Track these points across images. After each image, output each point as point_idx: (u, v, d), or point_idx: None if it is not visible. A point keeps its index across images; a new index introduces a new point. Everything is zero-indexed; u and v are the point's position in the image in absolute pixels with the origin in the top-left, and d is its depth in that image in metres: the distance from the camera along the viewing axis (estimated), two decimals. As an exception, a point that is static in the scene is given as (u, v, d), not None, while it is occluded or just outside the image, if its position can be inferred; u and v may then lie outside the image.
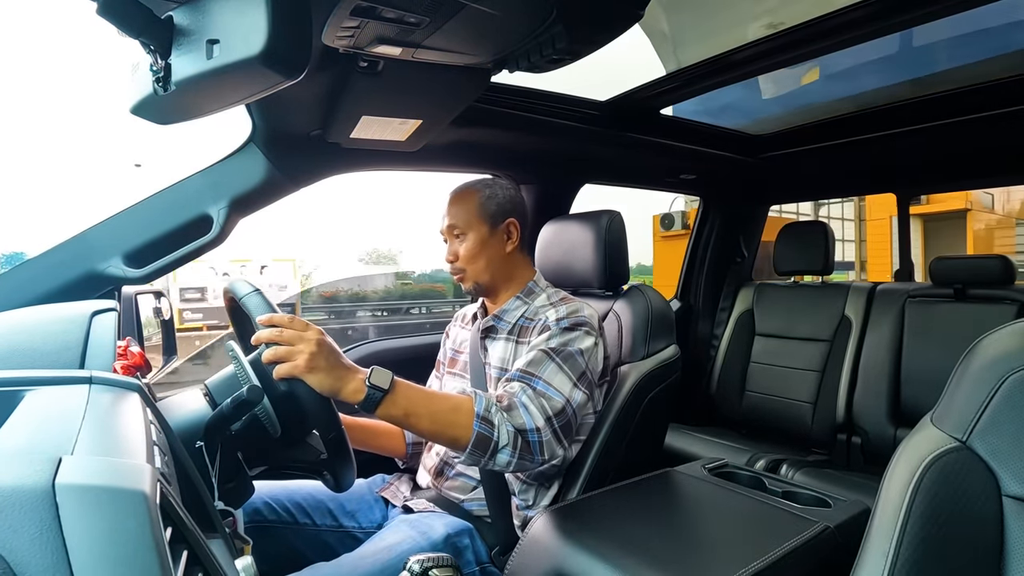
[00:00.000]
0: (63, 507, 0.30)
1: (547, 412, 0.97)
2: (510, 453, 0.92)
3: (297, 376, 0.80)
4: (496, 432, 0.91)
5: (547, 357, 1.03)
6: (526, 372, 1.02)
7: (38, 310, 0.90)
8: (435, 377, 1.36)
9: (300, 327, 0.82)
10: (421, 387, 0.93)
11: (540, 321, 1.11)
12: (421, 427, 0.90)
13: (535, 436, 0.94)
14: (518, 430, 0.93)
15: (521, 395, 0.97)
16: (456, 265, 1.17)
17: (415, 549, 0.95)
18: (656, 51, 1.46)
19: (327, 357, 0.82)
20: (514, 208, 1.19)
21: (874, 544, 0.59)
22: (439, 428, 0.90)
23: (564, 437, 0.99)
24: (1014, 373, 0.59)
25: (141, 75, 0.74)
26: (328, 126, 1.19)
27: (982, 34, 1.39)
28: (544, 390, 0.99)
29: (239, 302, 0.89)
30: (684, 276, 2.54)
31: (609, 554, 0.83)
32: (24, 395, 0.51)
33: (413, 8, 0.78)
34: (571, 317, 1.08)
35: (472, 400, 0.92)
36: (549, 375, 1.01)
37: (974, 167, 1.94)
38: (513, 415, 0.94)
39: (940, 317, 1.79)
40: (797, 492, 1.08)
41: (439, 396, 0.95)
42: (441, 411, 0.90)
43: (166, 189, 1.20)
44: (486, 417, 0.91)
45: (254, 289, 0.89)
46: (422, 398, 0.90)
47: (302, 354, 0.80)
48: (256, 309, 0.86)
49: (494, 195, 1.17)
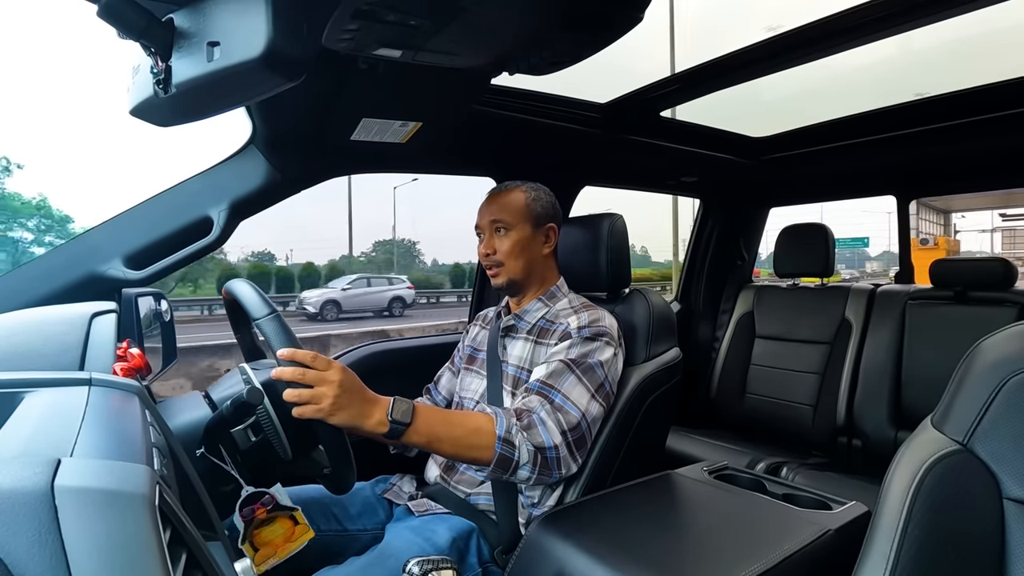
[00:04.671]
0: (62, 509, 0.30)
1: (563, 426, 1.00)
2: (530, 470, 0.96)
3: (320, 419, 0.81)
4: (517, 452, 0.95)
5: (567, 369, 1.05)
6: (545, 384, 1.04)
7: (38, 311, 0.90)
8: (448, 369, 1.38)
9: (323, 366, 0.82)
10: (441, 411, 0.96)
11: (561, 327, 1.12)
12: (444, 451, 0.95)
13: (553, 453, 0.97)
14: (537, 448, 0.96)
15: (539, 410, 0.99)
16: (494, 258, 1.19)
17: (420, 555, 0.95)
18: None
19: (350, 396, 0.83)
20: (555, 214, 1.24)
21: (875, 547, 0.59)
22: (462, 451, 0.93)
23: (577, 450, 1.02)
24: (1015, 376, 0.59)
25: (142, 77, 0.74)
26: (328, 128, 1.19)
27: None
28: (562, 403, 1.02)
29: (256, 325, 0.84)
30: (684, 278, 2.54)
31: (609, 557, 0.83)
32: (23, 397, 0.50)
33: (414, 11, 0.79)
34: (592, 327, 1.10)
35: (492, 420, 0.95)
36: (568, 388, 1.03)
37: (976, 169, 1.94)
38: (532, 433, 0.97)
39: (941, 319, 1.79)
40: (798, 495, 1.08)
41: (459, 419, 0.97)
42: (463, 435, 0.93)
43: (166, 191, 1.20)
44: (507, 438, 0.94)
45: (271, 312, 0.83)
46: (443, 424, 0.93)
47: (326, 398, 0.80)
48: (275, 338, 0.82)
49: (539, 198, 1.21)
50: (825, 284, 2.14)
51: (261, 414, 0.84)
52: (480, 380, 1.23)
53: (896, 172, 2.10)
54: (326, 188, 1.22)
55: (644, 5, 0.87)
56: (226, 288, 0.92)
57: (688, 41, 2.24)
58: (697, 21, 2.81)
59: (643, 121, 1.68)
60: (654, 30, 2.20)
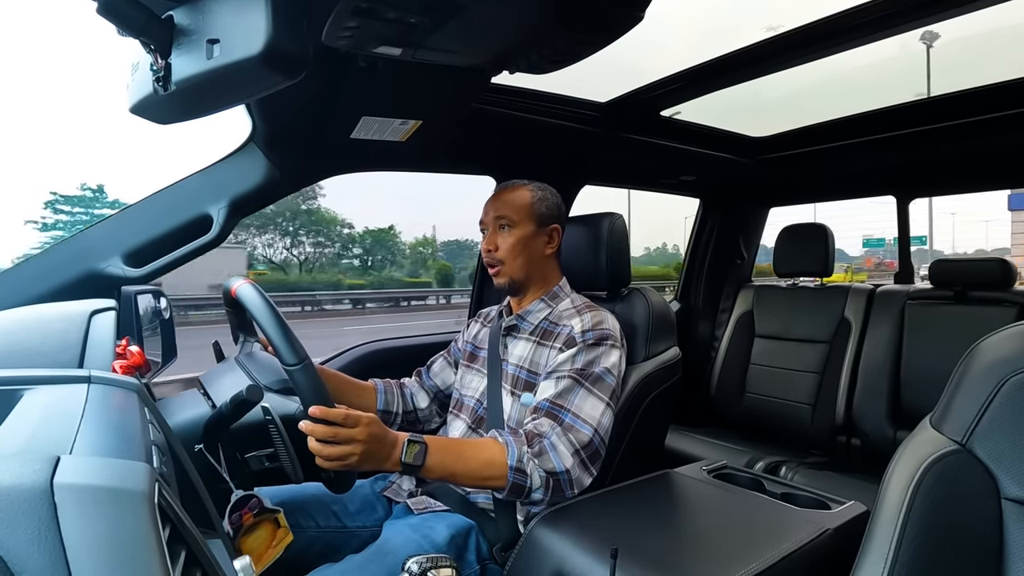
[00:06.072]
0: (61, 507, 0.30)
1: (574, 446, 1.00)
2: (543, 493, 0.98)
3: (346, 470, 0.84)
4: (529, 480, 0.97)
5: (575, 383, 1.05)
6: (555, 404, 1.04)
7: (37, 309, 0.90)
8: (443, 357, 1.38)
9: (352, 423, 0.83)
10: (453, 445, 0.98)
11: (565, 330, 1.12)
12: (459, 483, 1.01)
13: (565, 476, 0.99)
14: (549, 473, 0.98)
15: (551, 435, 1.00)
16: (495, 256, 1.19)
17: (419, 553, 0.95)
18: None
19: (374, 447, 0.85)
20: (560, 215, 1.24)
21: (873, 546, 0.59)
22: (476, 482, 0.97)
23: (592, 464, 1.03)
24: (1013, 376, 0.59)
25: (141, 75, 0.74)
26: (327, 126, 1.19)
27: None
28: (572, 423, 1.02)
29: (287, 371, 0.81)
30: (684, 277, 2.55)
31: (608, 555, 0.83)
32: (23, 394, 0.50)
33: (413, 8, 0.78)
34: (596, 330, 1.10)
35: (504, 450, 0.97)
36: (578, 404, 1.04)
37: (975, 170, 1.94)
38: (543, 459, 0.98)
39: (940, 319, 1.79)
40: (796, 494, 1.08)
41: (471, 451, 0.98)
42: (476, 468, 0.96)
43: (166, 189, 1.20)
44: (519, 467, 0.96)
45: (301, 361, 0.80)
46: (457, 460, 0.95)
47: (354, 456, 0.83)
48: (308, 393, 0.81)
49: (544, 198, 1.21)
50: (824, 284, 2.14)
51: (278, 445, 0.85)
52: (481, 378, 1.23)
53: (896, 172, 2.10)
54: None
55: (644, 4, 0.87)
56: (246, 307, 0.87)
57: (688, 41, 2.26)
58: (697, 21, 2.83)
59: (643, 120, 1.68)
60: (655, 28, 2.23)
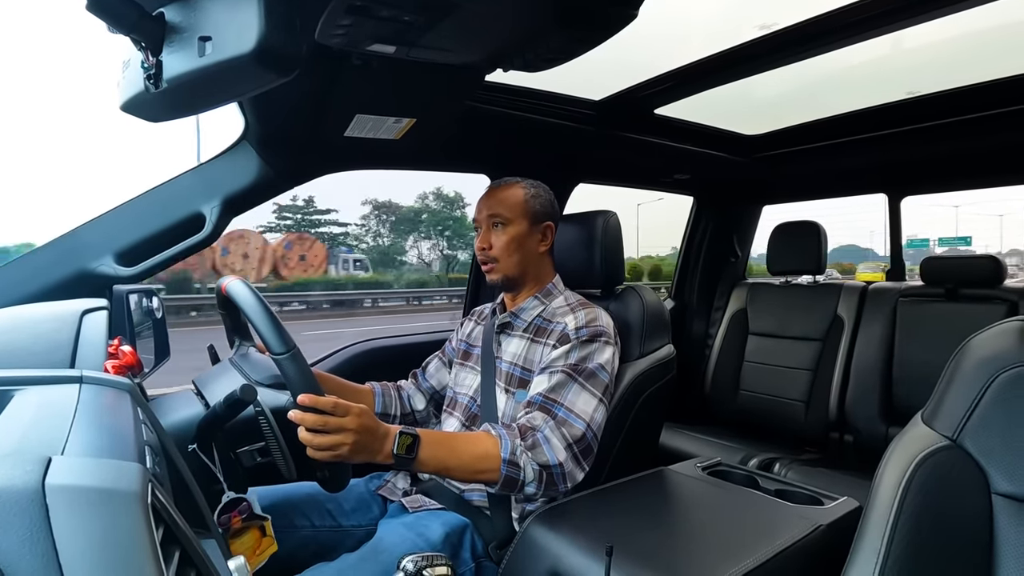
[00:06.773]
0: (53, 508, 0.30)
1: (567, 440, 1.00)
2: (536, 486, 0.98)
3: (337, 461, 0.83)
4: (522, 473, 0.96)
5: (569, 378, 1.05)
6: (548, 398, 1.04)
7: (28, 308, 0.89)
8: (438, 357, 1.38)
9: (343, 412, 0.82)
10: (446, 439, 0.97)
11: (559, 327, 1.12)
12: (452, 476, 1.02)
13: (558, 470, 0.99)
14: (542, 466, 0.98)
15: (544, 428, 1.00)
16: (489, 254, 1.19)
17: (414, 551, 0.95)
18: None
19: (365, 438, 0.84)
20: (553, 212, 1.24)
21: (865, 542, 0.60)
22: (469, 476, 0.97)
23: (584, 459, 1.03)
24: (1004, 372, 0.60)
25: (132, 72, 0.73)
26: (321, 124, 1.18)
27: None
28: (565, 417, 1.02)
29: (275, 360, 0.80)
30: (678, 275, 2.55)
31: (603, 553, 0.83)
32: (13, 395, 0.50)
33: (407, 6, 0.78)
34: (590, 327, 1.10)
35: (497, 443, 0.97)
36: (571, 399, 1.04)
37: (967, 168, 1.95)
38: (536, 453, 0.98)
39: (931, 316, 1.81)
40: (790, 490, 1.09)
41: (464, 445, 0.97)
42: (469, 461, 0.95)
43: (158, 187, 1.19)
44: (512, 460, 0.96)
45: (289, 350, 0.80)
46: (450, 453, 0.94)
47: (344, 445, 0.81)
48: (295, 381, 0.80)
49: (538, 196, 1.22)
50: (817, 281, 2.15)
51: (269, 438, 0.84)
52: (475, 376, 1.23)
53: (888, 170, 2.11)
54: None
55: (638, 2, 0.87)
56: (236, 301, 0.87)
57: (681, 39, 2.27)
58: (691, 19, 2.83)
59: (637, 118, 1.68)
60: (649, 27, 2.23)
